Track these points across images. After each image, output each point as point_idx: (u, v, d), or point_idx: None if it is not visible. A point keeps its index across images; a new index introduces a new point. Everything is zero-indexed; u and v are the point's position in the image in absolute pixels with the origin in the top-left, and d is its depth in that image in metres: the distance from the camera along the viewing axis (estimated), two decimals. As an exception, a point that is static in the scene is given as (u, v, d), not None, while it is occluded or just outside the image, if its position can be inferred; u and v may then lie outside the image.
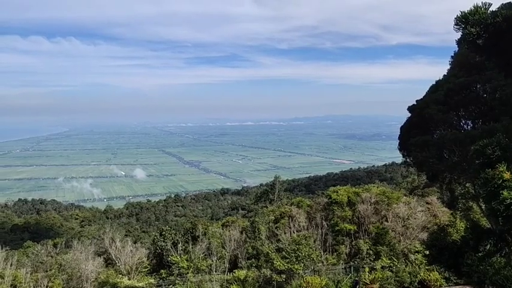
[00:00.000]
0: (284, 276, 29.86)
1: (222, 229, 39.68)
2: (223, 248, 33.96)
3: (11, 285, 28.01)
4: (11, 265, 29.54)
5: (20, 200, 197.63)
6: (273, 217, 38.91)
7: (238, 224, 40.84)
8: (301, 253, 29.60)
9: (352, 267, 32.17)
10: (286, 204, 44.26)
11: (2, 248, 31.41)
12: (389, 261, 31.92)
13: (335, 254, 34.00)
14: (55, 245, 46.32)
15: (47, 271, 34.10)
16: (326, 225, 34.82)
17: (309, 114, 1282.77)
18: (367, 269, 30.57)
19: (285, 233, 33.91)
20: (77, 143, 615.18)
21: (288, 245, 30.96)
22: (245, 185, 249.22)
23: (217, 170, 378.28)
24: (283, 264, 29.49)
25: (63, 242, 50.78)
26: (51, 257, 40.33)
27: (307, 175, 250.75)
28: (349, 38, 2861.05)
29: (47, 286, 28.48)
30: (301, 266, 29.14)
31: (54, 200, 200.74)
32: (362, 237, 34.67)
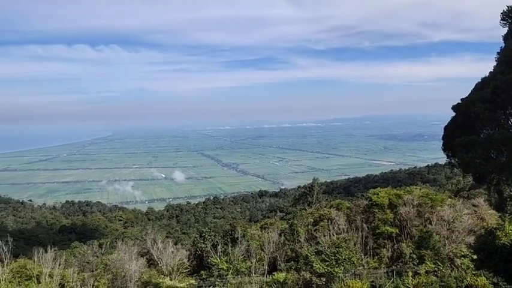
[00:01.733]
0: (324, 279, 29.48)
1: (261, 231, 39.73)
2: (262, 250, 33.99)
3: (59, 284, 29.21)
4: (59, 265, 30.81)
5: (67, 202, 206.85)
6: (311, 219, 38.55)
7: (277, 226, 40.75)
8: (341, 256, 29.14)
9: (394, 272, 31.29)
10: (325, 207, 43.78)
11: (51, 248, 32.83)
12: (433, 266, 30.80)
13: (376, 257, 33.20)
14: (100, 246, 48.10)
15: (93, 271, 35.43)
16: (366, 228, 34.07)
17: (347, 115, 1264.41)
18: (410, 274, 29.60)
19: (324, 236, 33.46)
20: (119, 147, 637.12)
21: (328, 247, 30.57)
22: (283, 187, 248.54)
23: (255, 172, 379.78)
24: (322, 267, 29.14)
25: (108, 243, 52.59)
26: (97, 257, 41.88)
27: (346, 177, 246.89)
28: (388, 37, 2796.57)
29: (93, 285, 29.52)
30: (341, 270, 28.68)
31: (99, 202, 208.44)
32: (404, 241, 33.65)
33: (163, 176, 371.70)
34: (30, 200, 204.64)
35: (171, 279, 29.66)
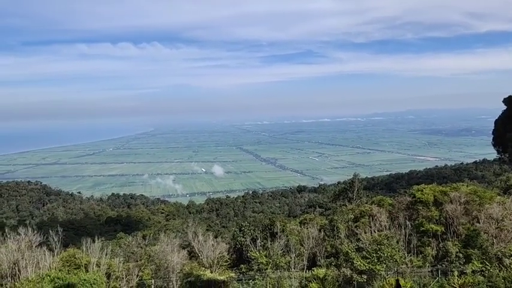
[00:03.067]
0: (365, 276, 28.99)
1: (300, 226, 39.61)
2: (302, 245, 33.87)
3: (106, 273, 30.43)
4: (106, 254, 32.11)
5: (113, 194, 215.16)
6: (352, 216, 37.99)
7: (316, 221, 40.49)
8: (383, 254, 28.53)
9: (439, 271, 30.26)
10: (366, 203, 42.97)
11: (98, 239, 34.27)
12: (481, 265, 29.58)
13: (420, 256, 32.24)
14: (144, 237, 49.74)
15: (137, 261, 36.66)
16: (410, 226, 33.13)
17: (389, 110, 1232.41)
18: (456, 273, 28.53)
19: (365, 233, 32.85)
20: (161, 142, 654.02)
21: (369, 244, 30.01)
22: (322, 182, 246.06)
23: (294, 167, 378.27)
24: (363, 264, 28.66)
25: (151, 235, 54.25)
26: (141, 248, 43.30)
27: (388, 173, 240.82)
28: (433, 28, 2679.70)
29: (137, 275, 30.53)
30: (383, 267, 28.09)
31: (142, 195, 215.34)
32: (450, 239, 32.48)
33: (204, 170, 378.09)
34: (79, 192, 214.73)
35: (211, 272, 30.17)
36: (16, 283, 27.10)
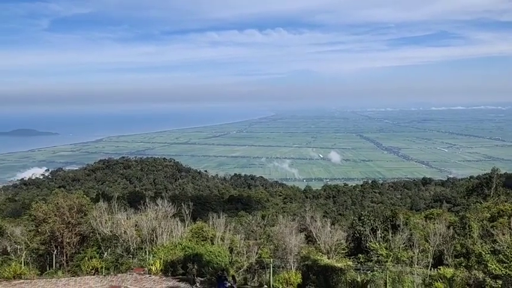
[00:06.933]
0: (500, 282, 25.88)
1: (425, 221, 37.09)
2: (427, 241, 31.69)
3: (229, 247, 32.58)
4: (229, 230, 34.34)
5: (235, 174, 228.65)
6: (488, 214, 34.26)
7: (445, 217, 37.46)
8: (526, 260, 25.02)
9: None
10: (505, 201, 38.22)
11: (222, 215, 36.80)
12: None
13: None
14: (263, 217, 51.81)
15: (256, 239, 38.43)
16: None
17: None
18: None
19: (503, 234, 29.16)
20: (281, 126, 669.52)
21: (507, 247, 26.60)
22: (451, 176, 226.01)
23: (419, 158, 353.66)
24: (499, 268, 25.52)
25: (270, 215, 56.24)
26: (260, 227, 45.22)
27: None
28: None
29: (256, 252, 32.00)
30: (524, 275, 24.68)
31: (261, 177, 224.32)
32: None
33: (321, 156, 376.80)
34: (206, 171, 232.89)
35: (328, 258, 30.07)
36: (153, 248, 30.67)
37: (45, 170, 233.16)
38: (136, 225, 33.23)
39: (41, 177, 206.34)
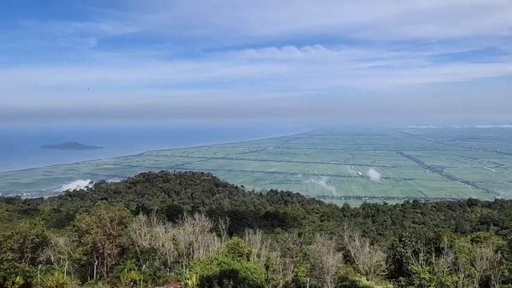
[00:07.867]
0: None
1: (471, 244, 35.22)
2: (473, 265, 30.05)
3: (265, 264, 32.25)
4: (265, 247, 34.05)
5: (271, 190, 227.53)
6: (541, 240, 31.98)
7: (492, 241, 35.44)
8: None
9: None
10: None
11: (258, 231, 36.55)
12: None
13: None
14: (300, 235, 51.18)
15: (293, 257, 37.86)
16: None
17: None
18: None
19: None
20: (318, 143, 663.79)
21: None
22: (498, 197, 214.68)
23: (464, 177, 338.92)
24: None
25: (306, 233, 55.37)
26: (297, 245, 44.60)
27: None
28: None
29: (292, 271, 31.47)
30: None
31: (298, 194, 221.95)
32: None
33: (360, 173, 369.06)
34: (242, 186, 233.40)
35: (367, 280, 29.13)
36: (190, 262, 30.86)
37: (89, 182, 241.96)
38: (173, 238, 33.64)
39: (85, 189, 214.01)
